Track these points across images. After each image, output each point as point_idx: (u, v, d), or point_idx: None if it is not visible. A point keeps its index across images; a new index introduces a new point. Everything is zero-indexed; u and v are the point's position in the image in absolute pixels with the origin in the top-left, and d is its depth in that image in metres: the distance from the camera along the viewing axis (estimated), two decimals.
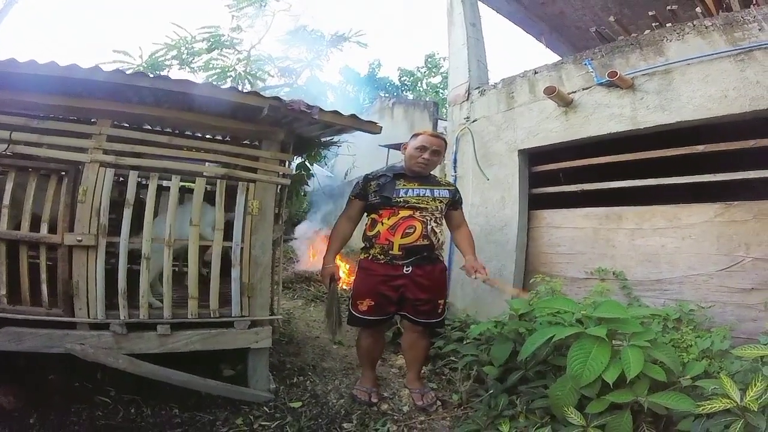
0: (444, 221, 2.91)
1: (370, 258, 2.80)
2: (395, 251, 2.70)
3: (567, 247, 3.71)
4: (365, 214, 2.92)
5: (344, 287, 5.24)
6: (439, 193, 2.84)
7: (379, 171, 2.93)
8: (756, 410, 1.60)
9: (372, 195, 2.80)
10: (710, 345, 2.28)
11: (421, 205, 2.75)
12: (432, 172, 2.98)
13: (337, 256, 3.14)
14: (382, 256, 2.74)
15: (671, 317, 2.65)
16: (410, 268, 2.72)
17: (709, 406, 1.66)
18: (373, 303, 2.76)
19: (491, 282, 3.05)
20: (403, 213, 2.72)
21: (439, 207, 2.82)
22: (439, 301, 2.87)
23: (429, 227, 2.73)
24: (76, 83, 2.25)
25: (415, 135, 2.90)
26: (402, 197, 2.74)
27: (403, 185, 2.79)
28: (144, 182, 2.71)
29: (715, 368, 2.12)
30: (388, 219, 2.73)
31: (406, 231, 2.70)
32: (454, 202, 2.94)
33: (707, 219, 2.96)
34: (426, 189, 2.81)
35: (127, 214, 2.45)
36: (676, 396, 1.85)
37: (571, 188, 3.76)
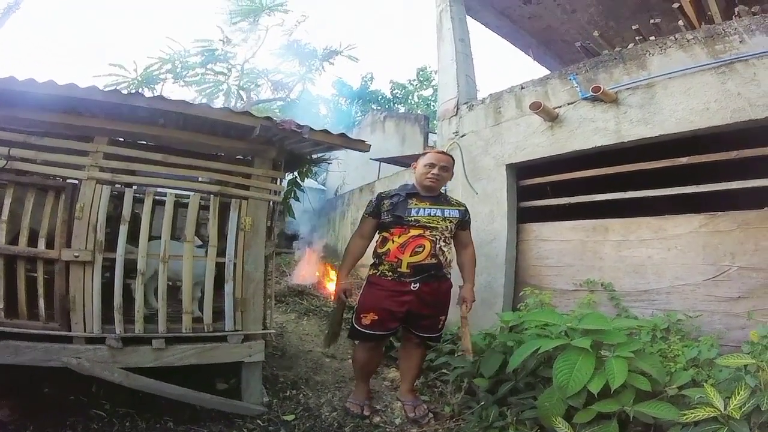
0: (452, 240, 2.95)
1: (378, 274, 2.84)
2: (404, 269, 2.74)
3: (555, 260, 3.75)
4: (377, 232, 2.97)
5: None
6: (450, 213, 2.89)
7: (392, 190, 2.98)
8: (739, 418, 1.64)
9: (385, 214, 2.85)
10: (698, 354, 2.31)
11: (432, 225, 2.80)
12: (442, 191, 3.05)
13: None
14: (391, 273, 2.78)
15: (659, 327, 2.67)
16: (417, 285, 2.75)
17: (693, 415, 1.70)
18: (376, 317, 2.78)
19: (463, 324, 2.89)
20: (414, 232, 2.77)
21: (449, 227, 2.87)
22: (441, 317, 2.92)
23: (438, 246, 2.78)
24: (74, 101, 2.29)
25: (424, 153, 3.01)
26: (413, 216, 2.80)
27: (415, 204, 2.85)
28: (140, 195, 2.75)
29: (703, 377, 2.15)
30: (399, 237, 2.78)
31: (416, 249, 2.75)
32: (463, 222, 2.99)
33: (692, 229, 3.00)
34: (437, 209, 2.86)
35: (123, 230, 2.49)
36: (661, 405, 1.89)
37: (559, 201, 3.82)
